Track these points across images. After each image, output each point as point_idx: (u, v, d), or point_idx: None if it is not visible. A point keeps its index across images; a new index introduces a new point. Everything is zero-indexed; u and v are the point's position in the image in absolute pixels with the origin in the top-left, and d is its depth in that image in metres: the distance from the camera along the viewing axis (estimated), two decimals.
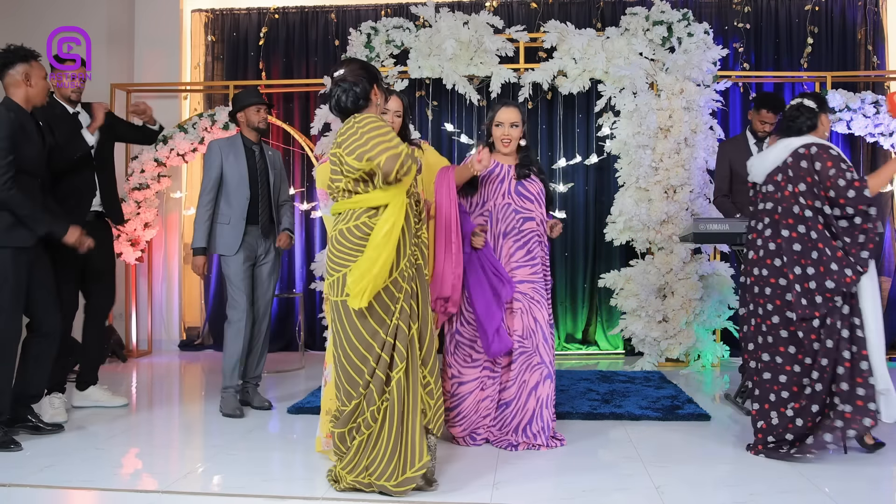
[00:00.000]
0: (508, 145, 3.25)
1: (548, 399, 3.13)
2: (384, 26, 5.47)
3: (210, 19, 6.23)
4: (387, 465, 2.46)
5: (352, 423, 2.51)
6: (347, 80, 2.62)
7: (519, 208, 3.21)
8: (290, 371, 5.14)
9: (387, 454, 2.46)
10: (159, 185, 5.80)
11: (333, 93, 2.65)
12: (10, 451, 3.08)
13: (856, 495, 2.56)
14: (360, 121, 2.52)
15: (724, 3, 5.85)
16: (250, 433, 3.42)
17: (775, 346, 2.98)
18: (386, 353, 2.48)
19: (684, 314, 5.02)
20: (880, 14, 5.75)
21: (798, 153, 3.00)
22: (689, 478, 2.73)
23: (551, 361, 3.16)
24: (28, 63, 3.26)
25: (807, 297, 2.89)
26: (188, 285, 6.21)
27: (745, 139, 4.38)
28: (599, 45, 5.24)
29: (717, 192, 4.43)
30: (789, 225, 2.97)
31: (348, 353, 2.51)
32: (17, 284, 3.16)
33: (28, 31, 6.05)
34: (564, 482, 2.70)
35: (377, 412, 2.48)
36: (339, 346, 2.54)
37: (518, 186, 3.23)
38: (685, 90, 5.13)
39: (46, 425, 3.37)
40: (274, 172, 3.98)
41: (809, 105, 3.11)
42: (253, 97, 3.95)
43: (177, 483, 2.68)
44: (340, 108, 2.63)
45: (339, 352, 2.54)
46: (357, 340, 2.49)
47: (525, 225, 3.20)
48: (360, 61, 2.74)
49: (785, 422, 2.92)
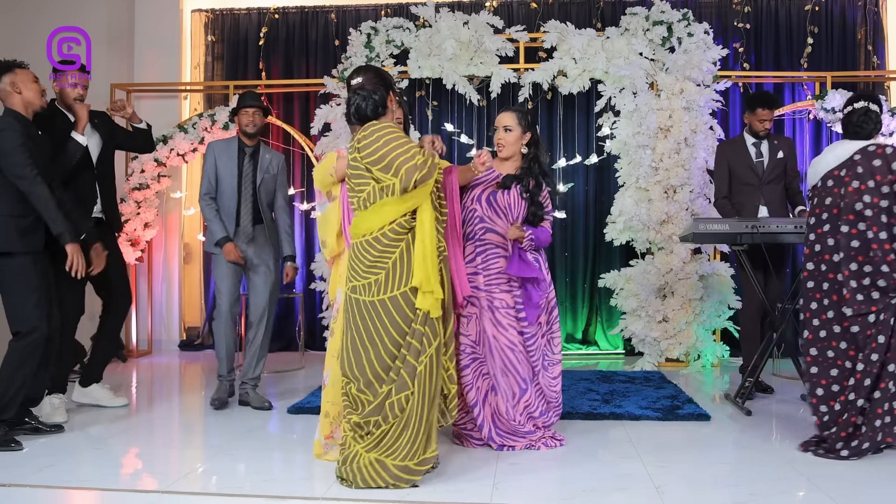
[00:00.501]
0: (502, 150, 3.19)
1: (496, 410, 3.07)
2: (384, 26, 5.47)
3: (210, 19, 6.23)
4: (410, 446, 2.56)
5: (378, 414, 2.58)
6: (366, 89, 2.70)
7: (483, 217, 3.14)
8: (290, 371, 5.14)
9: (412, 437, 2.56)
10: (159, 185, 5.80)
11: (352, 101, 2.71)
12: (10, 449, 3.08)
13: (856, 495, 2.56)
14: (379, 129, 2.61)
15: (724, 3, 5.85)
16: (250, 433, 3.42)
17: (828, 340, 3.02)
18: (416, 340, 2.60)
19: (684, 314, 5.02)
20: (880, 14, 5.75)
21: (869, 151, 3.03)
22: (689, 478, 2.73)
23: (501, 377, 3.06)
24: (12, 72, 3.31)
25: (862, 293, 2.92)
26: (188, 285, 6.21)
27: (742, 140, 4.39)
28: (599, 45, 5.24)
29: (717, 194, 4.44)
30: (849, 221, 2.99)
31: (378, 346, 2.60)
32: (40, 286, 3.22)
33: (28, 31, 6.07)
34: (564, 482, 2.70)
35: (405, 401, 2.57)
36: (367, 340, 2.62)
37: (490, 196, 3.13)
38: (685, 90, 5.13)
39: (46, 426, 3.37)
40: (265, 176, 3.99)
41: (874, 109, 3.16)
42: (246, 100, 3.99)
43: (177, 483, 2.68)
44: (360, 116, 2.70)
45: (367, 346, 2.62)
46: (395, 331, 2.59)
47: (486, 235, 3.13)
48: (376, 69, 2.81)
49: (834, 416, 2.97)
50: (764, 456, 3.00)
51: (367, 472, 2.56)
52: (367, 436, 2.61)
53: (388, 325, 2.60)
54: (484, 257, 3.13)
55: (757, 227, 3.77)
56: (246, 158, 3.98)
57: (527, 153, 3.19)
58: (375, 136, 2.59)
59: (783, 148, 4.32)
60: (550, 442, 3.13)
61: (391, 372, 2.60)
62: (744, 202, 4.31)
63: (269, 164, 4.03)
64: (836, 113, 5.26)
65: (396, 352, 2.60)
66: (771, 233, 3.78)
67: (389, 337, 2.60)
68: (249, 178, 3.97)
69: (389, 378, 2.59)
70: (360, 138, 2.63)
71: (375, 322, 2.62)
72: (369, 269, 2.63)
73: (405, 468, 2.56)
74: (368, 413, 2.59)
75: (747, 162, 4.31)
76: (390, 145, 2.57)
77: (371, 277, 2.62)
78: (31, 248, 3.22)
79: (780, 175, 4.32)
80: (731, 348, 5.25)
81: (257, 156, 4.00)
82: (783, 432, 3.41)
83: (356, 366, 2.63)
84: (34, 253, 3.24)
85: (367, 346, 2.62)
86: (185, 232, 6.15)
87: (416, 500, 2.50)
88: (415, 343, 2.59)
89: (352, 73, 2.81)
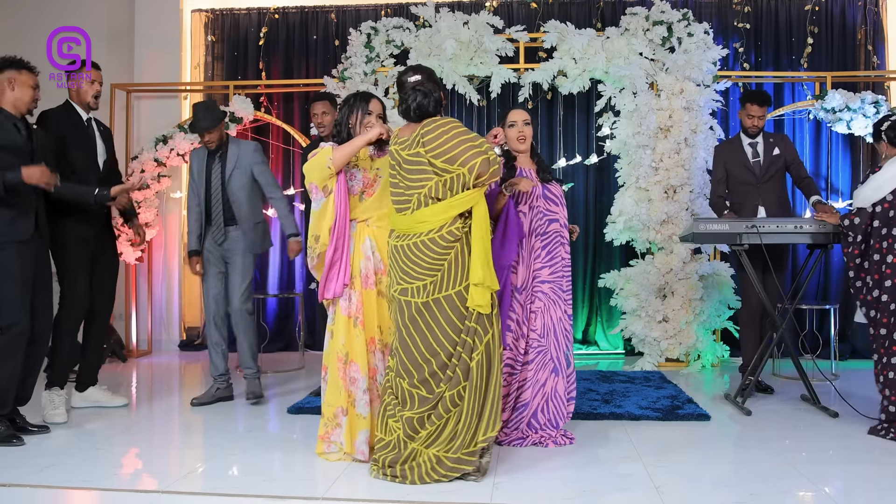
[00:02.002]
0: (524, 142, 3.33)
1: (553, 392, 3.18)
2: (384, 26, 5.47)
3: (210, 19, 6.23)
4: (463, 438, 2.64)
5: (434, 408, 2.65)
6: (426, 86, 2.79)
7: (545, 211, 3.29)
8: (290, 371, 5.14)
9: (464, 429, 2.63)
10: (159, 185, 5.81)
11: (413, 97, 2.76)
12: (12, 445, 3.10)
13: (856, 495, 2.56)
14: (446, 123, 2.66)
15: (724, 3, 5.85)
16: (250, 433, 3.42)
17: None
18: (470, 337, 2.67)
19: (684, 314, 5.02)
20: (880, 14, 5.75)
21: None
22: (689, 478, 2.73)
23: (559, 357, 3.22)
24: (17, 70, 3.34)
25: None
26: (188, 285, 6.20)
27: (739, 141, 4.40)
28: (599, 45, 5.24)
29: (712, 194, 4.45)
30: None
31: (432, 344, 2.66)
32: (23, 279, 3.22)
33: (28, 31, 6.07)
34: (564, 482, 2.70)
35: (457, 397, 2.64)
36: (420, 341, 2.67)
37: (544, 190, 3.32)
38: (685, 90, 5.13)
39: (32, 426, 3.37)
40: (235, 170, 4.01)
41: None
42: (197, 124, 3.97)
43: (177, 483, 2.68)
44: (422, 113, 2.75)
45: (420, 346, 2.67)
46: (451, 329, 2.66)
47: (550, 227, 3.28)
48: (430, 70, 2.94)
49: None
50: (764, 456, 3.00)
51: (425, 467, 2.62)
52: (422, 431, 2.65)
53: (444, 323, 2.66)
54: (549, 249, 3.26)
55: (757, 227, 3.77)
56: (215, 160, 4.05)
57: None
58: (442, 129, 2.64)
59: (778, 144, 4.32)
60: (561, 440, 3.17)
61: (448, 370, 2.66)
62: (742, 202, 4.31)
63: (238, 158, 4.04)
64: (836, 113, 5.26)
65: (453, 349, 2.66)
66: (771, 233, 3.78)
67: (445, 335, 2.66)
68: (218, 177, 4.02)
69: (447, 376, 2.65)
70: (425, 132, 2.66)
71: (429, 321, 2.67)
72: (426, 270, 2.67)
73: (458, 459, 2.62)
74: (424, 409, 2.65)
75: (743, 161, 4.32)
76: (460, 138, 2.62)
77: (427, 279, 2.67)
78: (15, 238, 3.20)
79: (778, 173, 4.32)
80: (731, 348, 5.25)
81: (225, 154, 4.05)
82: (783, 432, 3.41)
83: (411, 363, 2.68)
84: (20, 243, 3.22)
85: (420, 345, 2.68)
86: (184, 232, 6.14)
87: (416, 500, 2.50)
88: (468, 339, 2.66)
89: (406, 71, 2.89)
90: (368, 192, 3.05)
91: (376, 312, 3.01)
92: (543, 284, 3.23)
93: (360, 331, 2.95)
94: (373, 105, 3.08)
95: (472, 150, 2.60)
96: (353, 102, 3.08)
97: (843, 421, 3.56)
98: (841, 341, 5.37)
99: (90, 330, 3.93)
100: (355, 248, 3.01)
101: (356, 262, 3.00)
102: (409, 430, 2.67)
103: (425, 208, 2.68)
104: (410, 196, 2.70)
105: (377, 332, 3.01)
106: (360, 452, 2.89)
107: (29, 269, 3.26)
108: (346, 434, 2.91)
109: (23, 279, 3.22)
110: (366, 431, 2.91)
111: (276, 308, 6.13)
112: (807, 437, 3.33)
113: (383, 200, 3.03)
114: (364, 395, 2.92)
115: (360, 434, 2.90)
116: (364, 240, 3.02)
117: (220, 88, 6.11)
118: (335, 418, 2.95)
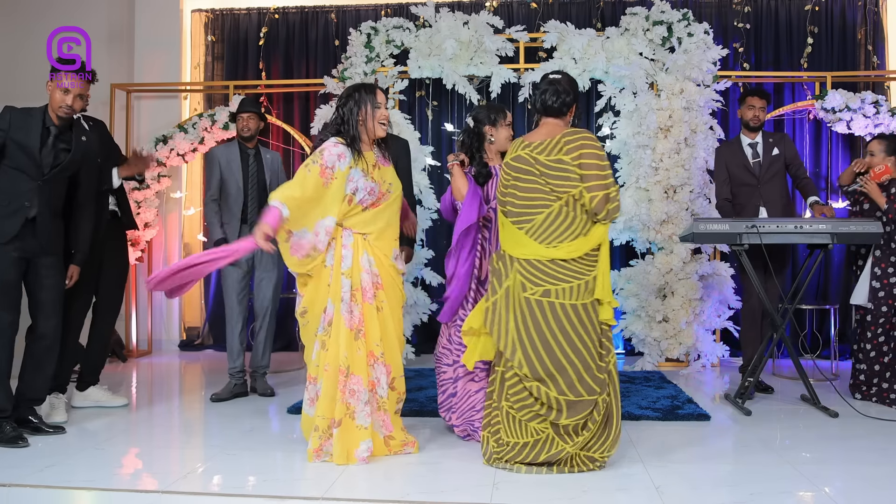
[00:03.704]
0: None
1: None
2: (384, 26, 5.47)
3: (210, 19, 6.23)
4: (614, 439, 2.77)
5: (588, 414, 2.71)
6: (563, 84, 2.80)
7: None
8: (290, 371, 5.14)
9: (613, 430, 2.77)
10: (159, 185, 5.81)
11: (544, 89, 2.78)
12: (17, 447, 3.10)
13: (856, 495, 2.56)
14: (586, 139, 2.71)
15: (724, 3, 5.85)
16: (250, 433, 3.42)
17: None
18: (607, 341, 2.81)
19: (684, 314, 5.02)
20: (880, 14, 5.75)
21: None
22: (689, 478, 2.73)
23: None
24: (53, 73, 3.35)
25: None
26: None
27: (738, 142, 4.40)
28: (599, 45, 5.24)
29: (718, 197, 4.45)
30: None
31: (590, 348, 2.73)
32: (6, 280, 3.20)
33: (28, 32, 6.07)
34: (564, 482, 2.69)
35: (602, 403, 2.73)
36: (583, 346, 2.72)
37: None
38: (685, 90, 5.13)
39: (48, 427, 3.37)
40: (270, 174, 4.22)
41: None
42: (245, 106, 4.23)
43: (177, 483, 2.68)
44: (545, 107, 2.79)
45: (582, 352, 2.71)
46: (595, 334, 2.75)
47: None
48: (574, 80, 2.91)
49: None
50: (764, 456, 3.00)
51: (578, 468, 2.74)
52: (575, 436, 2.72)
53: (590, 328, 2.73)
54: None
55: (757, 227, 3.77)
56: (250, 160, 4.20)
57: None
58: (582, 142, 2.70)
59: (778, 144, 4.32)
60: None
61: (600, 371, 2.73)
62: (744, 203, 4.31)
63: (272, 163, 4.28)
64: (836, 113, 5.25)
65: (598, 353, 2.74)
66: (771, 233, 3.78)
67: (591, 339, 2.73)
68: (256, 177, 4.18)
69: (598, 379, 2.72)
70: (567, 141, 2.71)
71: (576, 325, 2.71)
72: (579, 273, 2.73)
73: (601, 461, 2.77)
74: (579, 416, 2.69)
75: (743, 162, 4.32)
76: (594, 160, 2.69)
77: (574, 282, 2.72)
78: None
79: (778, 173, 4.32)
80: (731, 348, 5.25)
81: (260, 156, 4.24)
82: (783, 432, 3.42)
83: (553, 366, 2.71)
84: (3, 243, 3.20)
85: (580, 351, 2.71)
86: (185, 232, 6.15)
87: (416, 500, 2.50)
88: (607, 343, 2.79)
89: (554, 72, 2.88)
90: (375, 204, 2.99)
91: (377, 326, 2.95)
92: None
93: (361, 343, 2.92)
94: (380, 97, 3.01)
95: (597, 181, 2.68)
96: (359, 97, 2.99)
97: (843, 421, 3.56)
98: (841, 341, 5.37)
99: (95, 331, 3.94)
100: (354, 262, 2.94)
101: (357, 275, 2.94)
102: (566, 434, 2.73)
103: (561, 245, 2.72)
104: (551, 201, 2.73)
105: (379, 346, 2.96)
106: (361, 460, 2.87)
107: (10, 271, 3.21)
108: (339, 444, 2.87)
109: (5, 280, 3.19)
110: (368, 441, 2.88)
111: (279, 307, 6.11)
112: (807, 437, 3.33)
113: (383, 214, 3.00)
114: (365, 407, 2.89)
115: (361, 444, 2.88)
116: (363, 253, 2.96)
117: (220, 88, 6.11)
118: (329, 430, 2.91)
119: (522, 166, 2.79)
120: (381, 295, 2.98)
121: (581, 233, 2.74)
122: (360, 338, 2.92)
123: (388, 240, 3.04)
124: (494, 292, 2.85)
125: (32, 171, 3.26)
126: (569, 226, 2.73)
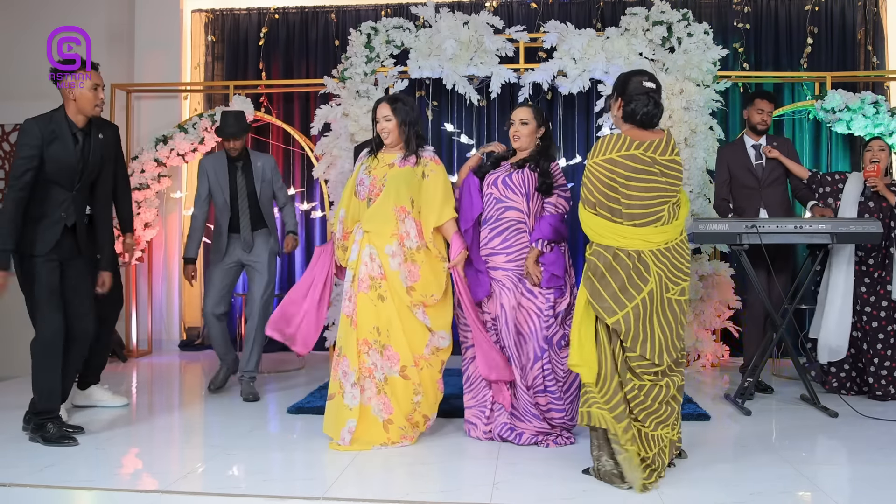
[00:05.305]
0: (517, 141, 3.34)
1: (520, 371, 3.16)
2: (384, 26, 5.47)
3: (210, 19, 6.23)
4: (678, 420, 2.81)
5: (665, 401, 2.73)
6: (658, 96, 2.78)
7: (501, 197, 3.26)
8: (290, 371, 5.14)
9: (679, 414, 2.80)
10: (159, 185, 5.81)
11: (645, 101, 2.73)
12: (65, 445, 3.11)
13: (856, 495, 2.56)
14: (678, 152, 2.77)
15: (724, 3, 5.85)
16: (250, 433, 3.42)
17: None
18: None
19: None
20: (880, 14, 5.75)
21: None
22: (689, 478, 2.73)
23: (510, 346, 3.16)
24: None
25: None
26: (188, 285, 6.19)
27: (742, 143, 4.40)
28: (599, 46, 5.24)
29: (716, 197, 4.46)
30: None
31: (672, 338, 2.74)
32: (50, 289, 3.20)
33: (27, 31, 6.08)
34: (564, 482, 2.69)
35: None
36: (672, 332, 2.73)
37: (505, 177, 3.28)
38: (685, 90, 5.13)
39: (67, 427, 3.33)
40: (262, 184, 4.21)
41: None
42: (224, 130, 4.16)
43: (177, 483, 2.68)
44: (646, 120, 2.76)
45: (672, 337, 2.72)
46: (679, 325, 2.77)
47: (505, 214, 3.25)
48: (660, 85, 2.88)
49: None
50: (764, 456, 3.00)
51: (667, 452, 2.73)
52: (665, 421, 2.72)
53: (682, 318, 2.78)
54: (504, 237, 3.23)
55: (757, 227, 3.77)
56: (238, 172, 4.20)
57: (539, 144, 3.35)
58: (676, 149, 2.78)
59: (781, 149, 4.32)
60: (560, 440, 3.17)
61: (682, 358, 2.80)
62: (745, 206, 4.31)
63: (263, 171, 4.24)
64: (836, 113, 5.25)
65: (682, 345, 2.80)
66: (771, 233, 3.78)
67: (676, 331, 2.75)
68: (244, 189, 4.18)
69: (680, 364, 2.78)
70: (672, 143, 2.76)
71: (670, 317, 2.72)
72: (688, 271, 2.80)
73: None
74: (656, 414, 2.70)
75: (746, 165, 4.31)
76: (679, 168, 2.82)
77: (688, 280, 2.80)
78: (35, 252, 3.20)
79: (780, 177, 4.32)
80: (731, 348, 5.25)
81: (249, 166, 4.22)
82: (783, 432, 3.42)
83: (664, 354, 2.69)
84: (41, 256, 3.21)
85: (672, 336, 2.73)
86: (185, 232, 6.14)
87: (416, 500, 2.50)
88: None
89: (642, 73, 2.81)
90: (375, 199, 3.20)
91: (374, 315, 3.12)
92: (496, 271, 3.22)
93: (352, 330, 3.13)
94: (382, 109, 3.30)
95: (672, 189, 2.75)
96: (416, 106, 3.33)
97: (843, 421, 3.56)
98: None
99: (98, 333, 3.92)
100: (358, 254, 3.18)
101: (358, 266, 3.16)
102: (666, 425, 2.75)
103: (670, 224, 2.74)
104: (667, 200, 2.73)
105: (373, 333, 3.12)
106: (342, 440, 3.06)
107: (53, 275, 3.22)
108: (329, 415, 3.14)
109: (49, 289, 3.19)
110: (353, 421, 3.06)
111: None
112: (807, 437, 3.34)
113: (381, 208, 3.17)
114: (353, 389, 3.09)
115: (347, 423, 3.07)
116: (365, 247, 3.17)
117: (221, 88, 6.11)
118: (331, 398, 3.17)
119: (640, 166, 2.69)
120: (386, 285, 3.13)
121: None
122: (352, 325, 3.13)
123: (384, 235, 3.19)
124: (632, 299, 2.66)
125: (66, 181, 3.27)
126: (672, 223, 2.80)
